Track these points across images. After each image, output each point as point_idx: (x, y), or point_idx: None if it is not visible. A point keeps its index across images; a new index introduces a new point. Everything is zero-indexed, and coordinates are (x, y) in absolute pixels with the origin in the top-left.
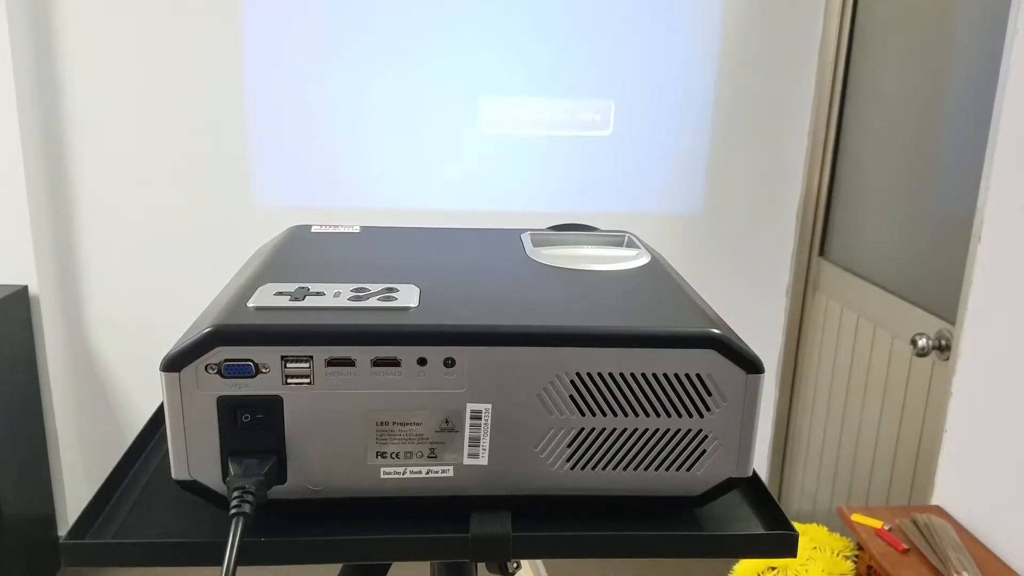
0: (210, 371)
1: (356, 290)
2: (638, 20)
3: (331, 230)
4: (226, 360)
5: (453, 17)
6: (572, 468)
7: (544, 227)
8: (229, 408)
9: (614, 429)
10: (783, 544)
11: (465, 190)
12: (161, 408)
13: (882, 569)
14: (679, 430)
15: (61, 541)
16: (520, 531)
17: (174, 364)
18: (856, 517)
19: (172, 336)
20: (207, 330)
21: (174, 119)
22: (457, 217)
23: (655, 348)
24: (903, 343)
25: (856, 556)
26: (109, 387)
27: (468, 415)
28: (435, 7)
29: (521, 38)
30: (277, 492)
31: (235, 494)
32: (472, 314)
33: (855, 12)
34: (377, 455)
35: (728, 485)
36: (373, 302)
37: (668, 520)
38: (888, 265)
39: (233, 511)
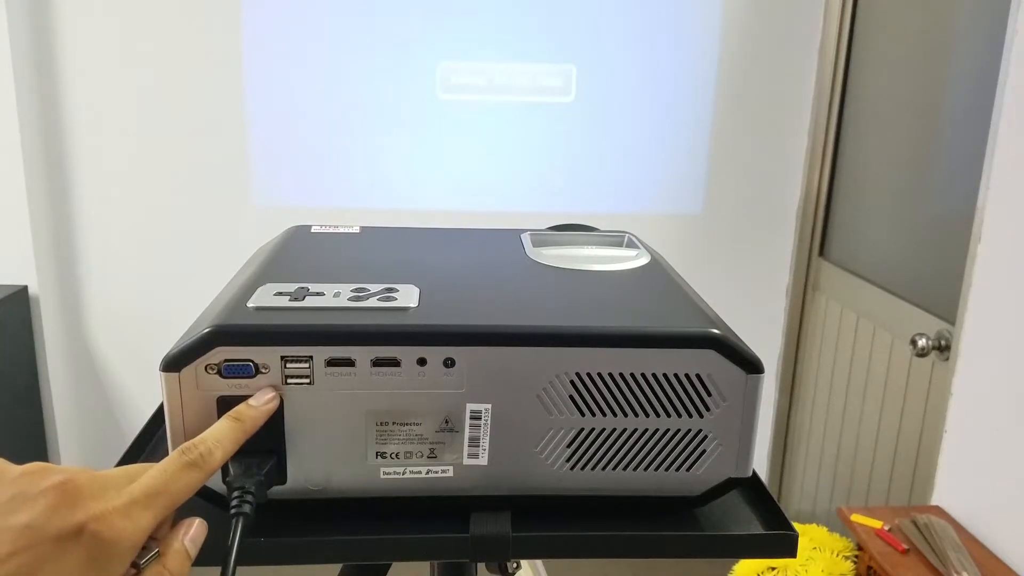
0: (210, 371)
1: (356, 290)
2: (638, 20)
3: (331, 230)
4: (226, 360)
5: (459, 16)
6: (572, 468)
7: (544, 227)
8: (229, 408)
9: (614, 429)
10: (783, 544)
11: (466, 190)
12: (161, 408)
13: (882, 569)
14: (679, 430)
15: None
16: (520, 531)
17: (174, 364)
18: (856, 517)
19: (172, 336)
20: (207, 330)
21: (174, 119)
22: (457, 217)
23: (655, 348)
24: (903, 343)
25: (856, 556)
26: (109, 387)
27: (468, 415)
28: (440, 7)
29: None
30: (277, 492)
31: (235, 494)
32: (472, 314)
33: (855, 12)
34: (377, 455)
35: (728, 485)
36: (373, 302)
37: (668, 520)
38: (888, 265)
39: (233, 511)
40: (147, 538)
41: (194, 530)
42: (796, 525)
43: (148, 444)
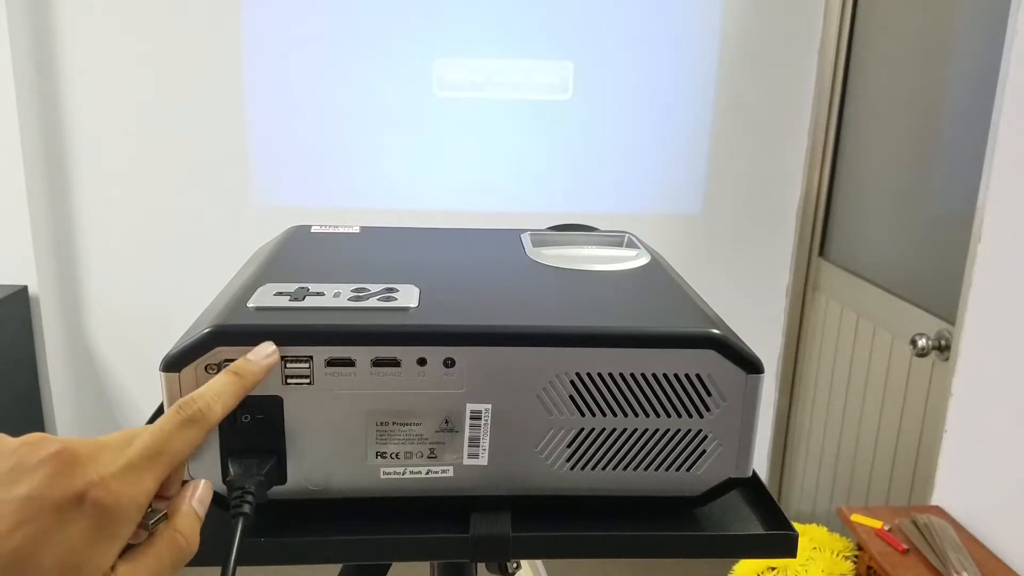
0: (210, 371)
1: (356, 290)
2: (638, 19)
3: (331, 230)
4: (226, 360)
5: (457, 14)
6: (572, 468)
7: (544, 227)
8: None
9: (614, 429)
10: (783, 544)
11: (466, 190)
12: (161, 408)
13: (882, 569)
14: (679, 430)
15: None
16: (520, 531)
17: (174, 364)
18: (856, 517)
19: (172, 336)
20: (207, 330)
21: (174, 119)
22: (457, 217)
23: (655, 348)
24: (903, 343)
25: (856, 556)
26: (109, 387)
27: (468, 415)
28: (439, 4)
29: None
30: (277, 492)
31: (235, 494)
32: (472, 314)
33: (855, 12)
34: (377, 455)
35: (728, 485)
36: (373, 302)
37: (668, 520)
38: (888, 265)
39: (233, 511)
40: (152, 499)
41: (200, 491)
42: (796, 525)
43: None
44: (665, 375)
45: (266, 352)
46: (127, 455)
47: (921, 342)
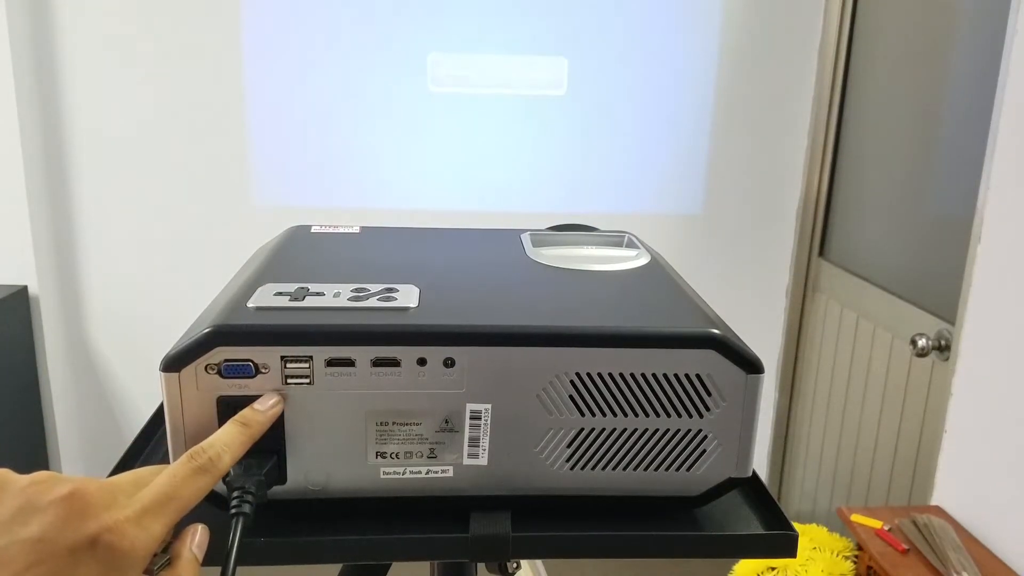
0: (210, 371)
1: (356, 290)
2: (637, 19)
3: (331, 230)
4: (226, 360)
5: (453, 11)
6: (572, 468)
7: (543, 227)
8: (229, 408)
9: (614, 429)
10: (783, 544)
11: (466, 189)
12: (161, 408)
13: (882, 569)
14: (679, 430)
15: None
16: (520, 531)
17: (174, 364)
18: (856, 517)
19: (172, 336)
20: (207, 330)
21: (174, 119)
22: (456, 217)
23: (655, 348)
24: (903, 343)
25: (856, 556)
26: (109, 387)
27: (468, 415)
28: (443, 10)
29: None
30: (277, 492)
31: (235, 494)
32: (472, 314)
33: (855, 12)
34: (377, 455)
35: (728, 485)
36: (373, 302)
37: (668, 520)
38: (888, 265)
39: (233, 511)
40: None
41: (199, 536)
42: (796, 525)
43: (148, 445)
44: (665, 375)
45: (271, 403)
46: (140, 500)
47: (921, 342)
